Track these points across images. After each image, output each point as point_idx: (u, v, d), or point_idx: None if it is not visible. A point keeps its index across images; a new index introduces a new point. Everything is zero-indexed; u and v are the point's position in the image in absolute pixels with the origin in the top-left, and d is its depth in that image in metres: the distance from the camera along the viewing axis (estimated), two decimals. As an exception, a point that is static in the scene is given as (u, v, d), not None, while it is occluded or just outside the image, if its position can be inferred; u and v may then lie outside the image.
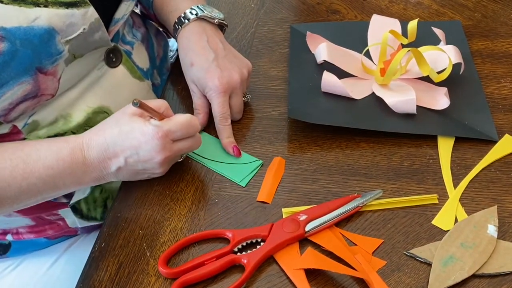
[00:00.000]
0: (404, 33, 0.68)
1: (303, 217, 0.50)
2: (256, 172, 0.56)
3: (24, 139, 0.55)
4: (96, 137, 0.52)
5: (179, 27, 0.62)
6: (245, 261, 0.47)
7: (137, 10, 0.73)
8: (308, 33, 0.70)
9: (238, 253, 0.49)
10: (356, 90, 0.63)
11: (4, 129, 0.53)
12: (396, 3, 0.78)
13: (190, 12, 0.62)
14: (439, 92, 0.62)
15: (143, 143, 0.50)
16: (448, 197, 0.53)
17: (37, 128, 0.55)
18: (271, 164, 0.57)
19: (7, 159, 0.50)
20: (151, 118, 0.52)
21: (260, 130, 0.61)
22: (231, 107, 0.60)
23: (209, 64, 0.59)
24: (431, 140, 0.59)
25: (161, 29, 0.74)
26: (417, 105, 0.60)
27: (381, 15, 0.72)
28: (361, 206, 0.52)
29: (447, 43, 0.67)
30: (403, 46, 0.66)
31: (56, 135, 0.56)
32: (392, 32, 0.65)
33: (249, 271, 0.47)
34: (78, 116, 0.56)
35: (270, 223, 0.51)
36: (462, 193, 0.54)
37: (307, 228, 0.50)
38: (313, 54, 0.68)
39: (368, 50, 0.67)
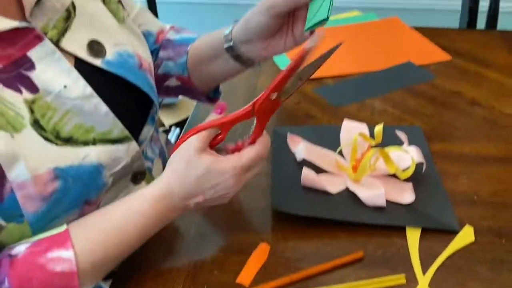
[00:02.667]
0: (372, 135, 0.74)
1: None
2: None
3: None
4: (176, 187, 0.54)
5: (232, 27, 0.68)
6: None
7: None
8: (289, 134, 0.76)
9: None
10: (332, 184, 0.68)
11: None
12: (364, 110, 0.87)
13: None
14: (405, 187, 0.68)
15: (222, 181, 0.54)
16: (418, 283, 0.57)
17: None
18: (256, 250, 0.61)
19: (101, 229, 0.52)
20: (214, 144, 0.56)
21: (247, 220, 0.65)
22: None
23: None
24: (401, 230, 0.63)
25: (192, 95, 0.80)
26: (386, 199, 0.65)
27: (351, 119, 0.79)
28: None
29: (409, 145, 0.73)
30: (372, 146, 0.72)
31: None
32: (361, 134, 0.72)
33: None
34: None
35: None
36: (431, 279, 0.57)
37: None
38: (293, 153, 0.74)
39: (341, 149, 0.73)
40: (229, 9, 1.89)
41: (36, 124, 0.51)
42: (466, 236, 0.63)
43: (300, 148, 0.73)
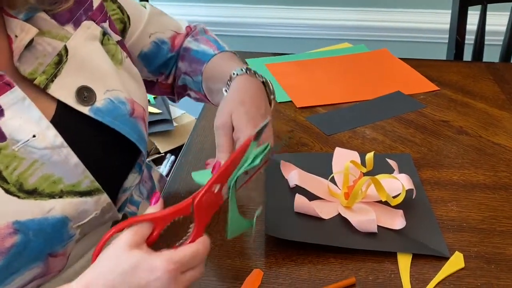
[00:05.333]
0: (363, 163, 0.76)
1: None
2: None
3: None
4: (95, 283, 0.44)
5: (236, 74, 0.68)
6: None
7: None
8: (282, 161, 0.78)
9: None
10: (324, 210, 0.69)
11: None
12: (355, 138, 0.89)
13: (241, 69, 0.69)
14: (396, 214, 0.69)
15: (153, 280, 0.44)
16: (410, 308, 0.59)
17: None
18: (250, 276, 0.61)
19: None
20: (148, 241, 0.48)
21: (241, 246, 0.66)
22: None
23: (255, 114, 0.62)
24: (392, 256, 0.64)
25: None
26: (377, 225, 0.66)
27: (342, 148, 0.82)
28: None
29: (400, 172, 0.75)
30: (363, 174, 0.74)
31: None
32: (353, 162, 0.74)
33: None
34: None
35: None
36: (422, 305, 0.58)
37: None
38: (287, 179, 0.76)
39: (333, 176, 0.75)
40: (227, 40, 1.93)
41: None
42: (456, 262, 0.64)
43: (293, 175, 0.74)
